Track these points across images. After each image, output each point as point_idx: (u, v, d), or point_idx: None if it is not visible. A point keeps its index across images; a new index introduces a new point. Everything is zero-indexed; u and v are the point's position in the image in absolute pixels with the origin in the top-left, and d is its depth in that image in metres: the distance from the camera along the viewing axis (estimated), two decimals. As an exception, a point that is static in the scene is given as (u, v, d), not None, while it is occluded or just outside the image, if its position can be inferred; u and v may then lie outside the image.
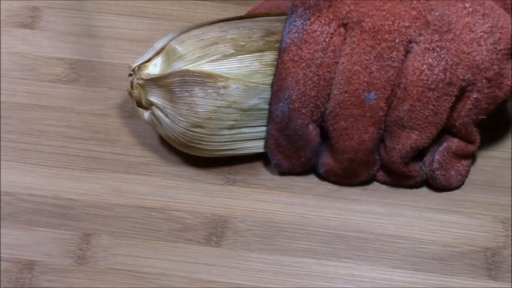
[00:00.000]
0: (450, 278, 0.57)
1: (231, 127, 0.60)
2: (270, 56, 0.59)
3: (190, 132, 0.59)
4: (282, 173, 0.62)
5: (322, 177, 0.61)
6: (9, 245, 0.58)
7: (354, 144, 0.58)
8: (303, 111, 0.58)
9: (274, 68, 0.59)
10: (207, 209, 0.60)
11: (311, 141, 0.59)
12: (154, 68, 0.60)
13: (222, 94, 0.58)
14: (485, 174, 0.62)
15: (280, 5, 0.64)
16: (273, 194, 0.61)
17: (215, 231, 0.59)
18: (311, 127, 0.59)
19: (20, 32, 0.69)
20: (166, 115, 0.59)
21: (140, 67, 0.60)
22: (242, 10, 0.69)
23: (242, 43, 0.59)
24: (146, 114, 0.61)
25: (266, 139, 0.61)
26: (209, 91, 0.58)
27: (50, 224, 0.59)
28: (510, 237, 0.59)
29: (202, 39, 0.59)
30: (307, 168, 0.61)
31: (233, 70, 0.59)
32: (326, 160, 0.60)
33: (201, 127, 0.59)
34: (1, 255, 0.57)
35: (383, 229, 0.59)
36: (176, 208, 0.60)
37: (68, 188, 0.60)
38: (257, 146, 0.62)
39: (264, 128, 0.61)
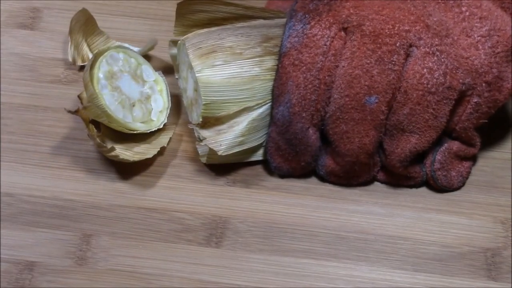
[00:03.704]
0: (450, 279, 0.57)
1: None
2: (270, 62, 0.59)
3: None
4: (282, 176, 0.62)
5: (322, 178, 0.61)
6: (9, 246, 0.58)
7: (355, 147, 0.58)
8: (303, 114, 0.58)
9: (274, 73, 0.58)
10: (207, 210, 0.60)
11: (311, 145, 0.59)
12: None
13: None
14: (485, 175, 0.62)
15: (280, 7, 0.64)
16: (273, 195, 0.61)
17: (215, 232, 0.59)
18: (311, 131, 0.58)
19: (20, 33, 0.69)
20: None
21: None
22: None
23: (240, 51, 0.58)
24: None
25: (266, 142, 0.60)
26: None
27: (50, 225, 0.59)
28: (510, 238, 0.59)
29: (200, 47, 0.58)
30: (306, 172, 0.61)
31: (233, 76, 0.58)
32: (326, 162, 0.60)
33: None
34: (1, 256, 0.57)
35: (383, 230, 0.59)
36: (176, 209, 0.60)
37: (68, 189, 0.60)
38: (258, 155, 0.62)
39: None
